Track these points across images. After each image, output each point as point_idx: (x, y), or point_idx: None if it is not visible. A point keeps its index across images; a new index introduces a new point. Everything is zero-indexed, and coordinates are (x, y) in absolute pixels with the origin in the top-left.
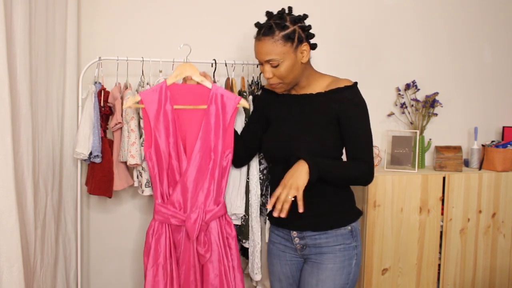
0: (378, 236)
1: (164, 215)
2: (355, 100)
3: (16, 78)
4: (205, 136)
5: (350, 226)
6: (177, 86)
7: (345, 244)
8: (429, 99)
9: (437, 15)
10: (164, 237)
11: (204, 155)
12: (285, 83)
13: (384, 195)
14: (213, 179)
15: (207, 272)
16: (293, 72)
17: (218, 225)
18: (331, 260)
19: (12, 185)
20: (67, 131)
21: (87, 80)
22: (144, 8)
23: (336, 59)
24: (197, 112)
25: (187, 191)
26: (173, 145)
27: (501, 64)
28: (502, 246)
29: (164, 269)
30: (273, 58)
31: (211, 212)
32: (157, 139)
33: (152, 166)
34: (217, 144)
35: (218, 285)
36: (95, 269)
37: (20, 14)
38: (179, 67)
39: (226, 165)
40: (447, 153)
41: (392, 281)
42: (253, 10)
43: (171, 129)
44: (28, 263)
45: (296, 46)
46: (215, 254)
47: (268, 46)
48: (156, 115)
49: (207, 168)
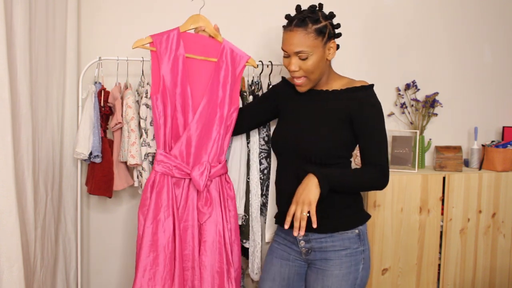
0: (378, 236)
1: (167, 165)
2: (371, 100)
3: (16, 78)
4: (213, 90)
5: (358, 230)
6: (188, 35)
7: (352, 248)
8: (429, 99)
9: (437, 15)
10: (165, 190)
11: (210, 109)
12: (310, 79)
13: (384, 195)
14: (218, 135)
15: (205, 233)
16: (319, 68)
17: (219, 184)
18: (337, 267)
19: (12, 185)
20: (67, 131)
21: (87, 80)
22: (144, 8)
23: (336, 59)
24: (207, 65)
25: (190, 145)
26: (180, 92)
27: (501, 64)
28: (502, 246)
29: (165, 226)
30: (304, 50)
31: (215, 168)
32: (165, 85)
33: (158, 112)
34: (224, 99)
35: (217, 248)
36: (95, 269)
37: (20, 14)
38: (192, 17)
39: (230, 123)
40: (447, 153)
41: (392, 281)
42: (253, 10)
43: (180, 77)
44: (28, 263)
45: (326, 41)
46: (215, 213)
47: (300, 37)
48: (167, 60)
49: (212, 123)
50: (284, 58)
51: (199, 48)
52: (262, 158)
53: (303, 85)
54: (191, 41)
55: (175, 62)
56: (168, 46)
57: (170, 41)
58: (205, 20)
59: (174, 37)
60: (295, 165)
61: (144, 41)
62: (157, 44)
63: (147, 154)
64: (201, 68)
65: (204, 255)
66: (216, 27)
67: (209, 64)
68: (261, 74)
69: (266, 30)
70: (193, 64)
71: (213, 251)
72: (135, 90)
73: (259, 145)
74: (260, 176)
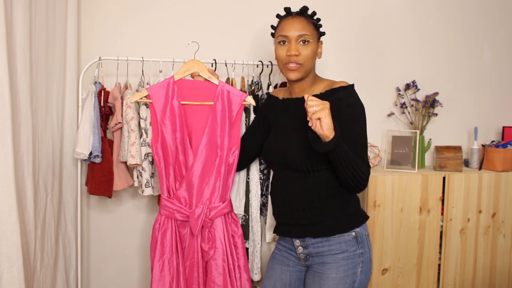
0: (378, 236)
1: (169, 209)
2: (349, 100)
3: (16, 78)
4: (211, 132)
5: (355, 232)
6: (184, 82)
7: (349, 251)
8: (429, 99)
9: (437, 15)
10: (170, 231)
11: (210, 151)
12: (304, 67)
13: (384, 195)
14: (219, 175)
15: (210, 270)
16: (313, 59)
17: (224, 223)
18: (333, 270)
19: (12, 185)
20: (67, 131)
21: (87, 80)
22: (144, 8)
23: (336, 59)
24: (204, 108)
25: (192, 187)
26: (180, 140)
27: (501, 64)
28: (502, 246)
29: (170, 263)
30: (307, 34)
31: (216, 209)
32: (163, 134)
33: (159, 161)
34: (223, 140)
35: (222, 284)
36: (95, 269)
37: (20, 14)
38: (186, 63)
39: (233, 162)
40: (447, 153)
41: (392, 281)
42: (253, 11)
43: (178, 124)
44: (28, 263)
45: (318, 38)
46: (219, 252)
47: (303, 23)
48: (163, 110)
49: (213, 164)
50: (280, 47)
51: (195, 93)
52: (262, 158)
53: (297, 70)
54: (187, 87)
55: (172, 112)
56: (163, 96)
57: (165, 91)
58: (199, 64)
59: (169, 87)
60: (284, 175)
61: (141, 94)
62: (152, 96)
63: (147, 154)
64: (198, 112)
65: None
66: (211, 71)
67: (207, 107)
68: (261, 74)
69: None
70: (191, 109)
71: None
72: (135, 90)
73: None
74: (260, 176)
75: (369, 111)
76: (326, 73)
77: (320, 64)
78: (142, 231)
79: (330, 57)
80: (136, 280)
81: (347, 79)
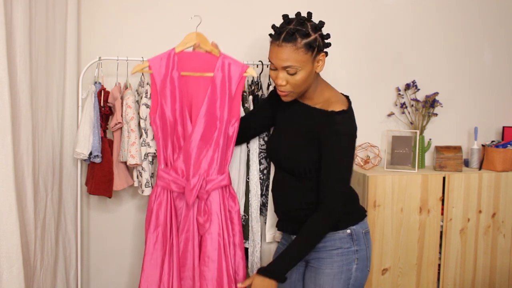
0: (378, 236)
1: (165, 180)
2: (336, 128)
3: (16, 78)
4: (211, 103)
5: (350, 230)
6: (185, 54)
7: (343, 248)
8: (429, 99)
9: (437, 15)
10: (165, 203)
11: (208, 121)
12: (295, 93)
13: (384, 195)
14: (217, 147)
15: (205, 244)
16: (306, 82)
17: (221, 196)
18: (328, 265)
19: (12, 185)
20: (67, 131)
21: (87, 80)
22: (144, 8)
23: (336, 59)
24: (204, 80)
25: (190, 157)
26: (179, 112)
27: (501, 64)
28: (502, 246)
29: (163, 236)
30: (292, 65)
31: (213, 182)
32: (162, 105)
33: (156, 130)
34: (223, 112)
35: (216, 259)
36: (95, 269)
37: (20, 14)
38: (188, 35)
39: (232, 134)
40: (447, 153)
41: (392, 281)
42: (253, 11)
43: (178, 96)
44: (28, 263)
45: (315, 55)
46: (214, 226)
47: (289, 53)
48: (163, 81)
49: (211, 135)
50: (271, 71)
51: (196, 64)
52: (262, 158)
53: (288, 96)
54: (188, 59)
55: (171, 83)
56: (163, 67)
57: (165, 63)
58: (200, 36)
59: (169, 58)
60: (281, 173)
61: (142, 65)
62: (153, 67)
63: (147, 154)
64: (199, 83)
65: (203, 265)
66: (214, 44)
67: (207, 79)
68: (261, 74)
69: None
70: (192, 80)
71: (212, 262)
72: (135, 90)
73: (258, 145)
74: (260, 176)
75: (369, 111)
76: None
77: None
78: (142, 231)
79: (330, 57)
80: (136, 280)
81: (347, 79)
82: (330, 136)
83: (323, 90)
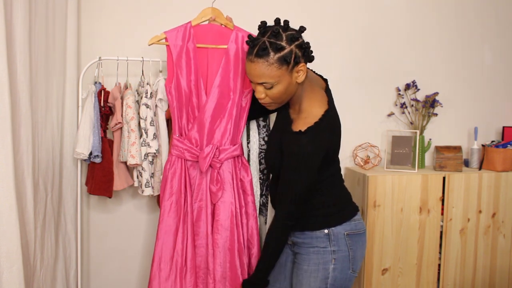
0: (378, 236)
1: (179, 149)
2: (293, 148)
3: (16, 78)
4: (225, 74)
5: (328, 230)
6: (201, 27)
7: (319, 247)
8: (429, 99)
9: (437, 15)
10: (179, 172)
11: (222, 92)
12: (276, 103)
13: (384, 195)
14: (231, 118)
15: (218, 212)
16: (286, 93)
17: (233, 166)
18: (305, 262)
19: (12, 185)
20: (67, 131)
21: (87, 80)
22: (144, 8)
23: (336, 59)
24: (219, 52)
25: (204, 127)
26: (194, 83)
27: (501, 64)
28: (502, 246)
29: (177, 204)
30: (267, 82)
31: (226, 151)
32: (178, 76)
33: (171, 100)
34: (236, 83)
35: (228, 227)
36: (95, 269)
37: (20, 14)
38: (203, 10)
39: (245, 105)
40: (447, 153)
41: (392, 281)
42: (253, 11)
43: (193, 67)
44: (28, 263)
45: (292, 67)
46: (227, 195)
47: (261, 69)
48: (179, 52)
49: (225, 106)
50: (252, 83)
51: (210, 37)
52: (261, 158)
53: (271, 107)
54: (203, 32)
55: (187, 54)
56: (180, 39)
57: (182, 35)
58: (215, 11)
59: (186, 31)
60: None
61: (159, 37)
62: (169, 39)
63: (147, 154)
64: (215, 55)
65: (216, 233)
66: (229, 18)
67: (222, 50)
68: None
69: None
70: (207, 52)
71: (224, 230)
72: (135, 90)
73: (259, 145)
74: (260, 176)
75: (369, 111)
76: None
77: (321, 64)
78: (142, 231)
79: (331, 57)
80: (136, 280)
81: (347, 79)
82: (286, 155)
83: (303, 100)
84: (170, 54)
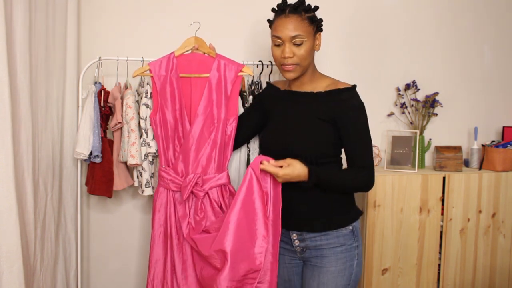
0: (378, 236)
1: (165, 179)
2: (353, 102)
3: (16, 78)
4: (208, 103)
5: (351, 226)
6: (184, 56)
7: (346, 245)
8: (429, 99)
9: (437, 15)
10: (165, 204)
11: (206, 120)
12: (301, 66)
13: (384, 195)
14: (215, 146)
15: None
16: (310, 56)
17: (220, 195)
18: (333, 263)
19: (12, 185)
20: (67, 131)
21: (87, 80)
22: (144, 8)
23: (336, 59)
24: (202, 81)
25: (188, 156)
26: (179, 112)
27: (501, 64)
28: (502, 246)
29: (165, 235)
30: (300, 34)
31: (211, 180)
32: (163, 108)
33: (156, 130)
34: (220, 111)
35: None
36: (95, 269)
37: (20, 14)
38: (187, 40)
39: (230, 133)
40: (447, 153)
41: (392, 281)
42: (253, 11)
43: (177, 97)
44: (28, 263)
45: (315, 32)
46: None
47: (296, 23)
48: (163, 83)
49: (209, 134)
50: (275, 48)
51: (193, 66)
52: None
53: (293, 71)
54: (186, 61)
55: (171, 85)
56: (163, 70)
57: (165, 65)
58: (198, 40)
59: (169, 61)
60: None
61: (143, 69)
62: (153, 70)
63: (147, 154)
64: (197, 84)
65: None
66: (212, 46)
67: (205, 79)
68: (261, 74)
69: (266, 30)
70: (190, 81)
71: None
72: (135, 90)
73: (258, 145)
74: None
75: (369, 111)
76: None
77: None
78: (142, 231)
79: (331, 57)
80: (136, 280)
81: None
82: (349, 111)
83: (322, 77)
84: (155, 84)
